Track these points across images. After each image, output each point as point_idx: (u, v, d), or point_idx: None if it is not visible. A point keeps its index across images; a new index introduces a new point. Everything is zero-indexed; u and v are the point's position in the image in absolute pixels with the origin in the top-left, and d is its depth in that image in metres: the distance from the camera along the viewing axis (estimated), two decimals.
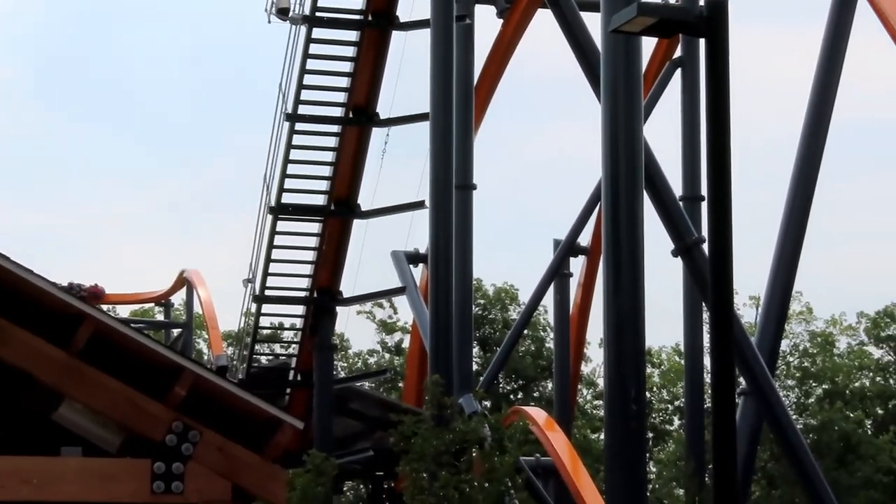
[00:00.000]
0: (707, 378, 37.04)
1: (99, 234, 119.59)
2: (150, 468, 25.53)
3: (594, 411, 78.36)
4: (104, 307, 44.32)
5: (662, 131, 41.90)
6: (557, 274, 48.11)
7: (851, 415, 75.79)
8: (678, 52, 44.32)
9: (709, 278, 17.97)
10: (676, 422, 78.04)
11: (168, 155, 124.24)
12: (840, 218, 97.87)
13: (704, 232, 25.93)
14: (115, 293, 61.20)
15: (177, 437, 25.70)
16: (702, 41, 18.83)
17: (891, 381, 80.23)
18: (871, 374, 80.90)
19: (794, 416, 59.67)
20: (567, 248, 47.75)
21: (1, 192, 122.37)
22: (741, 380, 31.26)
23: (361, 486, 45.51)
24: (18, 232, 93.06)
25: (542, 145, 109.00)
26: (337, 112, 42.78)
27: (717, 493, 18.64)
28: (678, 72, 43.48)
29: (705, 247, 27.74)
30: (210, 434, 25.96)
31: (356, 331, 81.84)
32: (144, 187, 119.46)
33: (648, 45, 38.04)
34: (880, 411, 79.05)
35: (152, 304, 67.28)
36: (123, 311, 63.77)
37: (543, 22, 41.83)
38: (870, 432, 76.56)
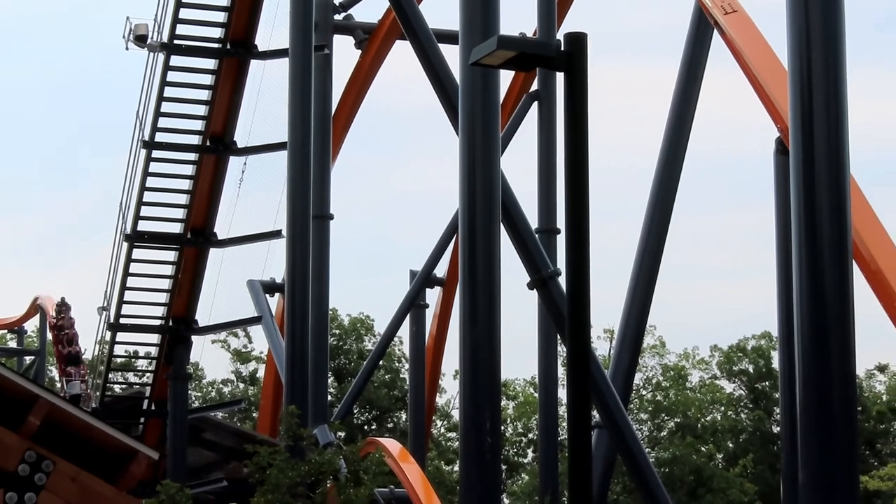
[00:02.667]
0: (561, 410, 37.10)
1: None
2: (1, 499, 25.32)
3: (448, 443, 78.44)
4: None
5: (519, 164, 41.91)
6: (413, 305, 48.20)
7: (703, 448, 76.54)
8: (535, 86, 44.47)
9: (565, 312, 17.98)
10: (530, 454, 78.25)
11: (35, 182, 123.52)
12: (695, 253, 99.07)
13: (560, 264, 26.01)
14: None
15: (30, 467, 25.60)
16: (560, 75, 18.85)
17: (742, 415, 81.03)
18: (722, 408, 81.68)
19: (646, 450, 59.99)
20: (423, 280, 47.85)
21: None
22: (595, 413, 31.35)
23: None
24: None
25: (407, 176, 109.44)
26: (194, 140, 42.62)
27: None
28: (535, 105, 43.54)
29: (561, 279, 27.83)
30: (63, 464, 25.86)
31: (211, 360, 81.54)
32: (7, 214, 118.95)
33: (505, 77, 38.07)
34: (731, 445, 79.82)
35: (5, 332, 66.41)
36: None
37: (403, 53, 41.82)
38: (720, 466, 77.31)
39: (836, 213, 18.52)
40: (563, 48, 18.80)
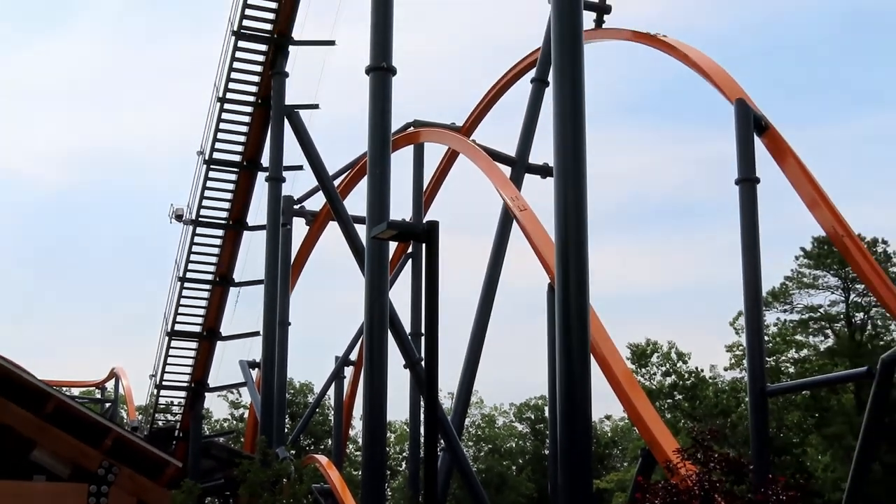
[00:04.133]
0: (421, 440, 37.00)
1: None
2: (87, 489, 25.05)
3: (356, 457, 78.18)
4: (63, 388, 43.85)
5: (399, 294, 41.74)
6: (336, 377, 47.77)
7: (504, 463, 76.65)
8: (410, 249, 44.66)
9: (424, 384, 17.96)
10: (403, 465, 77.58)
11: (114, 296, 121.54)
12: (501, 345, 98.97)
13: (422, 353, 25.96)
14: (69, 380, 60.54)
15: (105, 470, 25.27)
16: (423, 245, 18.95)
17: (527, 443, 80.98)
18: (515, 439, 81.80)
19: (472, 464, 59.37)
20: (342, 362, 47.48)
21: None
22: (441, 441, 31.18)
23: (217, 500, 44.52)
24: None
25: (336, 299, 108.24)
26: (209, 276, 42.78)
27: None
28: (409, 262, 43.47)
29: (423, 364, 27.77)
30: (125, 469, 25.55)
31: (216, 406, 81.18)
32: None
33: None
34: (520, 461, 79.94)
35: (94, 388, 65.35)
36: (76, 391, 62.09)
37: (333, 229, 41.78)
38: (514, 473, 77.36)
39: (581, 327, 18.70)
40: (424, 229, 18.97)
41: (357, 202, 39.21)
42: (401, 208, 42.11)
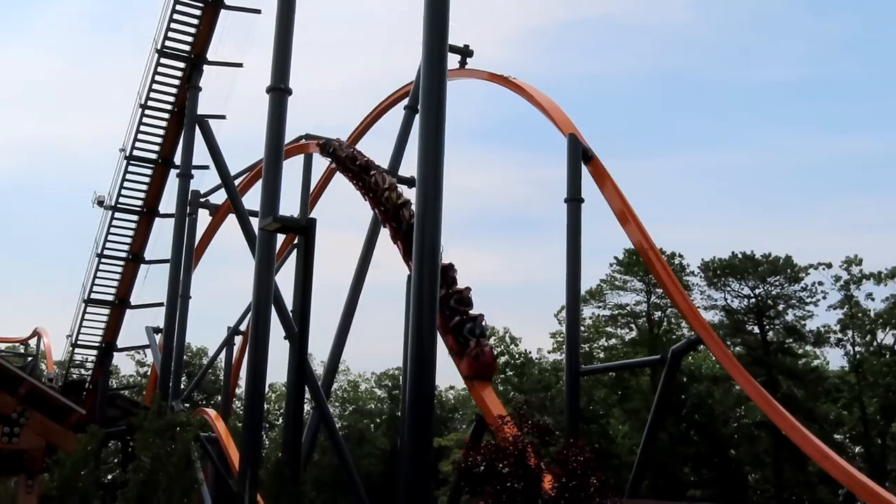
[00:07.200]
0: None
1: None
2: (1, 430, 24.30)
3: (240, 412, 77.01)
4: None
5: (285, 280, 41.26)
6: (227, 344, 46.36)
7: (365, 421, 76.11)
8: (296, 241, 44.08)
9: (295, 351, 17.73)
10: (280, 420, 76.75)
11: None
12: (380, 316, 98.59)
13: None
14: None
15: (18, 414, 24.49)
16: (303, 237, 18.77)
17: (385, 406, 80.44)
18: (374, 402, 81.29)
19: (337, 422, 59.08)
20: (233, 331, 45.87)
21: None
22: (313, 401, 30.71)
23: (119, 443, 43.50)
24: None
25: (228, 279, 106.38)
26: (123, 254, 42.02)
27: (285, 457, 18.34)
28: (294, 252, 42.96)
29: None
30: (36, 414, 24.81)
31: (124, 364, 78.95)
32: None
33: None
34: (378, 420, 79.04)
35: (18, 343, 63.10)
36: (2, 346, 59.85)
37: (231, 221, 40.97)
38: (373, 430, 76.64)
39: (430, 312, 18.73)
40: (304, 224, 18.77)
41: (253, 199, 38.69)
42: (291, 207, 41.61)
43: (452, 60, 33.12)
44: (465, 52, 37.17)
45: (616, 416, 56.88)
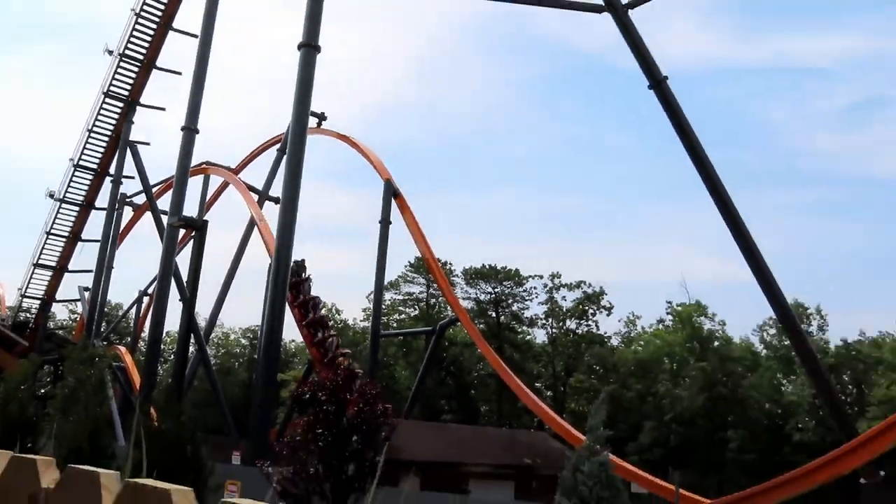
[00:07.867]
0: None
1: None
2: None
3: (143, 349, 72.32)
4: None
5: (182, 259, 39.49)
6: (138, 302, 43.78)
7: (232, 360, 72.36)
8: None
9: (185, 311, 17.11)
10: (173, 357, 72.27)
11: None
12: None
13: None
14: None
15: None
16: (198, 232, 18.22)
17: (247, 350, 77.01)
18: (241, 347, 77.23)
19: (212, 360, 56.19)
20: (143, 292, 43.74)
21: None
22: (197, 346, 29.32)
23: (52, 367, 40.43)
24: None
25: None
26: (66, 234, 39.68)
27: (173, 383, 17.69)
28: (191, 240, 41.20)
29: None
30: None
31: (60, 312, 72.76)
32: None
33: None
34: (241, 360, 75.43)
35: None
36: None
37: (147, 218, 38.95)
38: (237, 369, 72.92)
39: (282, 290, 18.75)
40: (199, 224, 18.33)
41: (164, 202, 37.21)
42: (191, 209, 40.07)
43: (312, 121, 33.06)
44: (321, 117, 37.25)
45: (401, 366, 57.67)
